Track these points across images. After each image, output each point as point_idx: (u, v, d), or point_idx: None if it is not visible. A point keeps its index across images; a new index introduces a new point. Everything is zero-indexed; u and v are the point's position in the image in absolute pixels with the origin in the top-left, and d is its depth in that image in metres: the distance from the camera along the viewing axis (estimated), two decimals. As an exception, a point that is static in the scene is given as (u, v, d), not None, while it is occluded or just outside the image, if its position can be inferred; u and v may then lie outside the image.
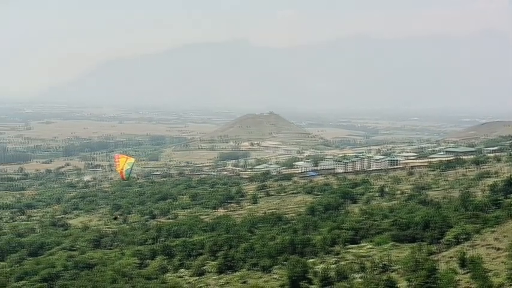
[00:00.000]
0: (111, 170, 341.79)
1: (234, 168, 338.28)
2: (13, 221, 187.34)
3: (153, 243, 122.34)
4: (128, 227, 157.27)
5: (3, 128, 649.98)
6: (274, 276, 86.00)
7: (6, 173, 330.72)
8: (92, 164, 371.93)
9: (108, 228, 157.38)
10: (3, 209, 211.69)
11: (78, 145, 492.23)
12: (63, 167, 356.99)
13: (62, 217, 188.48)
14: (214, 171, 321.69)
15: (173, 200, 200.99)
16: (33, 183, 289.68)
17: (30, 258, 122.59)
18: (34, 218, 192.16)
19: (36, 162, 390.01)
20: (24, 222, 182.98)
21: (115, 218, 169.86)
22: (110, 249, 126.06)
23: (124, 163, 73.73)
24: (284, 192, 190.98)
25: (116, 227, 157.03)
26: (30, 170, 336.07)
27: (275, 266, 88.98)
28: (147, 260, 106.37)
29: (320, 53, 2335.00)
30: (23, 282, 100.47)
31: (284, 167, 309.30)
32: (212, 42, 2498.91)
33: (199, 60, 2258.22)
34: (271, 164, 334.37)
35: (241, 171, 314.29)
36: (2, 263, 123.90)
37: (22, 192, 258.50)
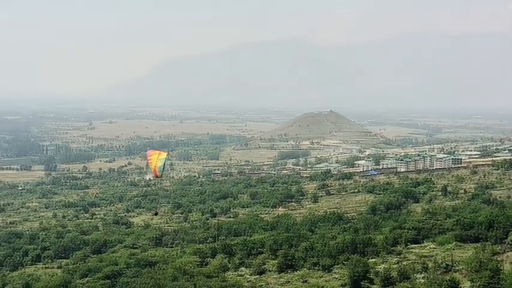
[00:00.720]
0: (173, 169, 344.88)
1: (294, 167, 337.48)
2: (77, 219, 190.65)
3: (213, 242, 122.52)
4: (188, 225, 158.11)
5: (67, 128, 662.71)
6: (335, 275, 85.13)
7: (70, 172, 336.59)
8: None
9: (169, 226, 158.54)
10: (68, 207, 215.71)
11: (139, 144, 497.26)
12: (125, 166, 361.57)
13: (124, 215, 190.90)
14: (274, 170, 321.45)
15: (233, 198, 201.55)
16: (96, 182, 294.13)
17: (94, 256, 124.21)
18: (97, 216, 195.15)
19: (100, 161, 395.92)
20: (87, 220, 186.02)
21: (155, 214, 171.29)
22: (171, 247, 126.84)
23: (156, 160, 72.21)
24: (345, 191, 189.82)
25: (177, 226, 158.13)
26: (93, 169, 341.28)
27: (336, 266, 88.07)
28: (208, 258, 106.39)
29: (380, 51, 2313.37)
30: (87, 279, 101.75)
31: (345, 166, 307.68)
32: (271, 41, 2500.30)
33: (257, 59, 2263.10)
34: (331, 163, 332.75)
35: (301, 170, 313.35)
36: (66, 260, 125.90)
37: (86, 190, 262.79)
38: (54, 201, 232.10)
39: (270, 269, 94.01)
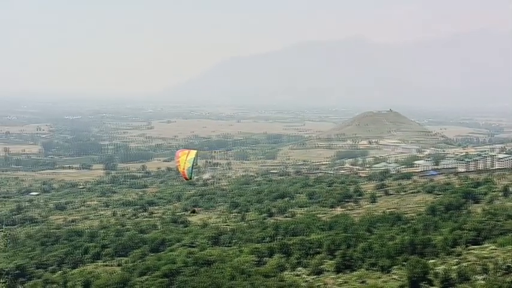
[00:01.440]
0: (230, 169, 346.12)
1: (351, 166, 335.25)
2: (136, 218, 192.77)
3: (270, 241, 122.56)
4: (245, 224, 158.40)
5: (127, 127, 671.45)
6: (394, 276, 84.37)
7: (129, 171, 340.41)
8: (210, 162, 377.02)
9: (226, 225, 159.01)
10: (127, 206, 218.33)
11: (197, 144, 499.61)
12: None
13: (182, 214, 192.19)
14: (331, 170, 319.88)
15: (290, 198, 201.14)
16: (154, 181, 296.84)
17: (152, 254, 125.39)
18: (155, 214, 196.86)
19: (158, 160, 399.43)
20: (146, 219, 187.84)
21: (193, 212, 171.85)
22: (229, 246, 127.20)
23: (184, 161, 67.08)
24: (403, 191, 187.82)
25: (234, 225, 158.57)
26: (151, 168, 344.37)
27: (394, 266, 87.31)
28: (265, 258, 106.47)
29: (439, 49, 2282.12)
30: (145, 277, 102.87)
31: (403, 166, 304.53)
32: (328, 40, 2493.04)
33: (315, 58, 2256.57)
34: (390, 163, 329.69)
35: (359, 169, 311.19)
36: (125, 258, 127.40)
37: (144, 189, 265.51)
38: (113, 200, 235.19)
39: (328, 269, 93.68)
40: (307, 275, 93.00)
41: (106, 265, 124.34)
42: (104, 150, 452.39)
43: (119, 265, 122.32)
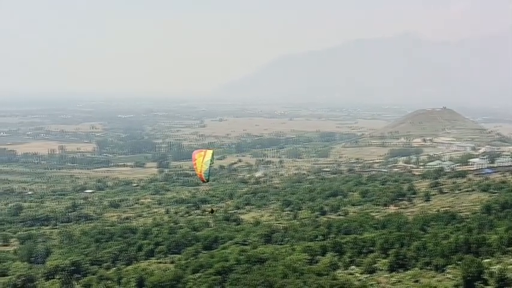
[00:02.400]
0: (282, 167, 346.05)
1: (405, 164, 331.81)
2: (188, 215, 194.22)
3: (323, 240, 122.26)
4: (298, 222, 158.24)
5: (179, 125, 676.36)
6: (448, 275, 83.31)
7: (182, 169, 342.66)
8: (263, 160, 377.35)
9: (278, 223, 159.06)
10: (180, 203, 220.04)
11: (249, 142, 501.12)
12: (235, 163, 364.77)
13: (235, 212, 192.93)
14: (384, 168, 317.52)
15: (343, 196, 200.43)
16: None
17: (205, 252, 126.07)
18: (208, 212, 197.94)
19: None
20: (199, 217, 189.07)
21: (212, 211, 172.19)
22: (281, 244, 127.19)
23: (201, 164, 66.59)
24: (458, 189, 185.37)
25: (287, 223, 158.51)
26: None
27: (449, 266, 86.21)
28: (318, 256, 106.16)
29: (493, 46, 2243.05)
30: (198, 274, 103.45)
31: (458, 164, 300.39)
32: (379, 38, 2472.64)
33: (368, 55, 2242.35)
34: (444, 161, 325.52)
35: (413, 168, 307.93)
36: (178, 255, 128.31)
37: (197, 187, 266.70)
38: (166, 198, 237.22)
39: (381, 268, 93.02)
40: (360, 273, 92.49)
41: (159, 262, 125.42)
42: (157, 148, 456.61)
43: (172, 262, 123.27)
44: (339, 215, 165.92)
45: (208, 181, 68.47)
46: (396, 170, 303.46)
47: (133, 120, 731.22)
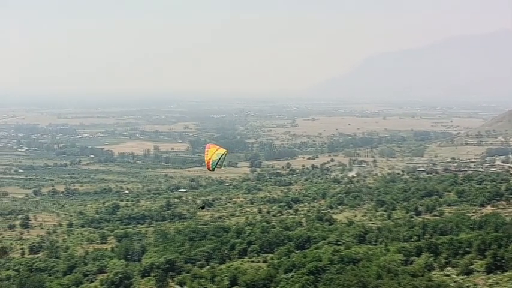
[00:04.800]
0: (375, 166, 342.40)
1: (503, 164, 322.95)
2: (281, 215, 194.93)
3: (418, 240, 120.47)
4: (392, 223, 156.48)
5: (271, 125, 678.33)
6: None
7: (274, 168, 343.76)
8: (355, 159, 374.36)
9: (372, 223, 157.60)
10: (272, 203, 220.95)
11: (342, 141, 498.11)
12: (327, 162, 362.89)
13: (327, 212, 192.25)
14: (481, 168, 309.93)
15: (439, 196, 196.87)
16: (299, 179, 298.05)
17: (297, 251, 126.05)
18: (300, 212, 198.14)
19: (302, 158, 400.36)
20: (291, 216, 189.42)
21: (202, 207, 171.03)
22: (375, 244, 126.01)
23: (213, 153, 71.00)
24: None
25: (380, 223, 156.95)
26: (296, 166, 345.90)
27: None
28: (412, 257, 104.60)
29: None
30: (291, 274, 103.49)
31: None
32: (475, 34, 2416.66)
33: (462, 52, 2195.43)
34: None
35: (511, 167, 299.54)
36: (270, 254, 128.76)
37: (289, 187, 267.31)
38: (258, 197, 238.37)
39: (478, 269, 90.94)
40: (456, 275, 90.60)
41: (252, 261, 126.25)
42: (249, 148, 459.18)
43: (264, 261, 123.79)
44: (434, 215, 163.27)
45: (213, 170, 72.29)
46: (493, 169, 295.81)
47: (225, 120, 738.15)
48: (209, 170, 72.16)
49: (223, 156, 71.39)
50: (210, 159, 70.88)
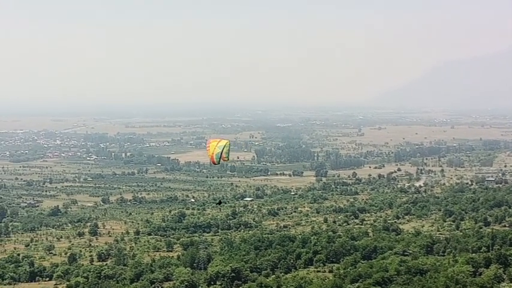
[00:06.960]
0: (443, 176, 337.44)
1: None
2: (347, 224, 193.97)
3: (487, 251, 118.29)
4: (460, 233, 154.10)
5: (337, 134, 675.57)
6: None
7: (340, 177, 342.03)
8: (423, 169, 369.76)
9: (440, 234, 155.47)
10: (338, 212, 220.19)
11: (409, 150, 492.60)
12: (394, 172, 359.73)
13: (394, 222, 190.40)
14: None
15: (508, 207, 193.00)
16: (365, 188, 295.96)
17: (364, 261, 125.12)
18: (367, 222, 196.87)
19: (369, 167, 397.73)
20: (357, 226, 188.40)
21: (219, 203, 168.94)
22: (442, 255, 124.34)
23: (214, 147, 71.50)
24: None
25: (448, 233, 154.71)
26: (362, 175, 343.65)
27: None
28: (481, 268, 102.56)
29: None
30: (357, 284, 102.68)
31: None
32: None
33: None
34: None
35: None
36: (336, 264, 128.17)
37: (355, 196, 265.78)
38: (324, 207, 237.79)
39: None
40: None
41: (318, 271, 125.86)
42: (315, 157, 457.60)
43: (330, 271, 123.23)
44: (504, 226, 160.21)
45: (218, 163, 73.52)
46: None
47: (291, 129, 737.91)
48: (214, 164, 73.52)
49: (226, 148, 71.86)
50: (212, 153, 72.00)
